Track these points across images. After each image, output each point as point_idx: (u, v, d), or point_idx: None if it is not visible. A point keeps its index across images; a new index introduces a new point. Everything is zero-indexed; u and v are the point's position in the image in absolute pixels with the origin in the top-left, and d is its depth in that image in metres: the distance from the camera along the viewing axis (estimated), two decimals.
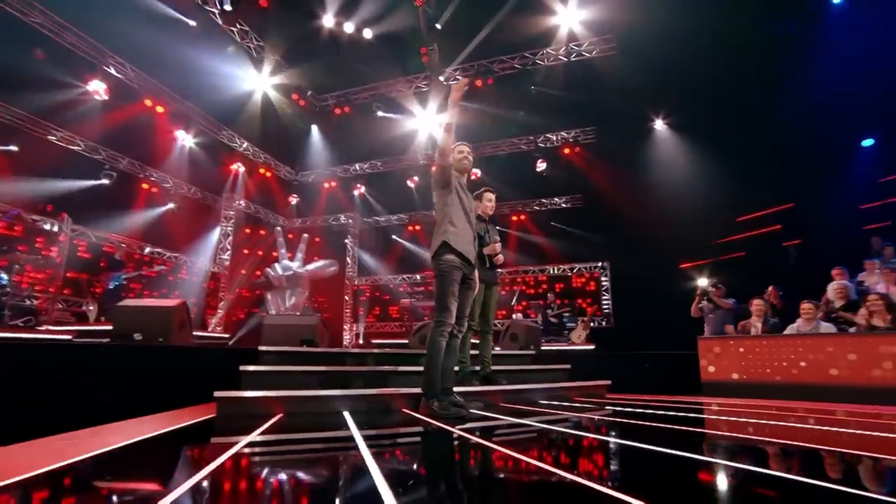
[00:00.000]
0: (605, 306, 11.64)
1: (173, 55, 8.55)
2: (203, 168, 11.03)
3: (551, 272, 12.47)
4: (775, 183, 8.83)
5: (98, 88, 8.42)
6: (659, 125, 10.48)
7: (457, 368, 3.48)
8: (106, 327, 6.02)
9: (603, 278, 11.86)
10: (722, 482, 1.39)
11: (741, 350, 5.27)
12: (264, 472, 1.60)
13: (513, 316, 11.57)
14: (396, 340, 12.41)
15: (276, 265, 10.95)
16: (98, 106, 8.59)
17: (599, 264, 11.95)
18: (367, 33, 9.70)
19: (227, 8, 8.73)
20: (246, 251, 12.85)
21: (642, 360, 6.58)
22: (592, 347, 9.02)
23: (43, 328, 6.59)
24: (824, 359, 4.70)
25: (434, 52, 9.89)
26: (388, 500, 1.14)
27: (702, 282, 7.38)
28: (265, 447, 2.03)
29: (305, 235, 11.79)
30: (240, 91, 10.31)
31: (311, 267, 11.49)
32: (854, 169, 8.67)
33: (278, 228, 12.21)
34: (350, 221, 14.59)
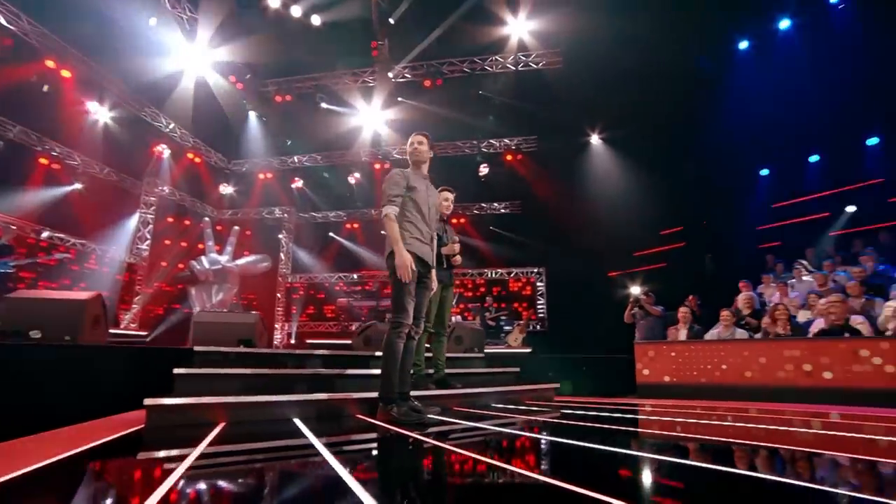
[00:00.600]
0: (539, 310, 12.09)
1: (87, 11, 7.43)
2: (121, 147, 9.85)
3: (489, 275, 12.72)
4: (693, 202, 9.75)
5: None
6: (595, 140, 11.09)
7: (411, 371, 3.39)
8: None
9: (539, 283, 12.31)
10: (655, 473, 1.62)
11: (672, 354, 5.70)
12: (234, 496, 1.42)
13: (451, 318, 11.64)
14: (333, 341, 11.98)
15: (203, 258, 10.15)
16: None
17: (536, 269, 12.38)
18: (316, 20, 9.25)
19: None
20: (168, 242, 11.70)
21: (580, 364, 6.91)
22: (529, 350, 9.32)
23: None
24: (741, 362, 5.21)
25: (384, 47, 9.69)
26: None
27: (634, 290, 7.91)
28: (221, 463, 1.81)
29: (236, 228, 11.06)
30: (168, 65, 9.25)
31: (241, 262, 10.79)
32: (755, 195, 9.92)
33: (206, 219, 11.30)
34: (285, 216, 13.85)
